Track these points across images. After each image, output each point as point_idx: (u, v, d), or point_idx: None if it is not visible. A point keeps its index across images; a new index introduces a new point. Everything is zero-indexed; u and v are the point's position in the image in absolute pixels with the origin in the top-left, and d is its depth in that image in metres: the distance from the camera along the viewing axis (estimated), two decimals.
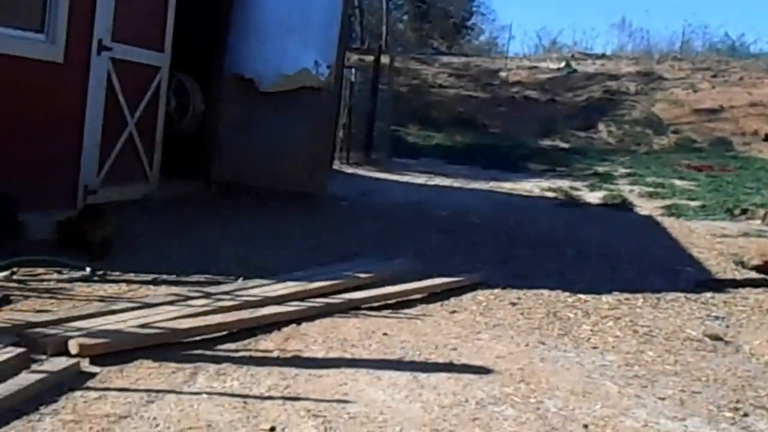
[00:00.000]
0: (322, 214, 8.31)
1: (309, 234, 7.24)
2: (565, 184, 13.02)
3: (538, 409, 3.60)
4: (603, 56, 29.03)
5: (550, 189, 12.38)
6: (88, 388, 3.41)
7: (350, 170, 12.76)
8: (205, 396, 3.41)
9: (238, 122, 9.10)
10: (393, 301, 5.25)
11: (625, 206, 11.03)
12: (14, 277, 4.89)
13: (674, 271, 7.03)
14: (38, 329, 3.95)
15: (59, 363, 3.59)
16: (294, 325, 4.52)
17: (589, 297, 5.79)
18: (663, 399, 3.81)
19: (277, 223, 7.58)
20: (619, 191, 12.32)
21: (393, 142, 16.01)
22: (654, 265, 7.22)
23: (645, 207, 11.12)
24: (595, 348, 4.60)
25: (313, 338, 4.34)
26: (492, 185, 12.58)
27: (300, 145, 9.12)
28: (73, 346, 3.75)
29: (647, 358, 4.46)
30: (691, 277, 6.85)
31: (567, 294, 5.83)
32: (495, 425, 3.38)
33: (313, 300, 4.95)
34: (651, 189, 12.62)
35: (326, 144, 9.87)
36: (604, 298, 5.81)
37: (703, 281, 6.63)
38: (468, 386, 3.81)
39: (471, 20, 36.39)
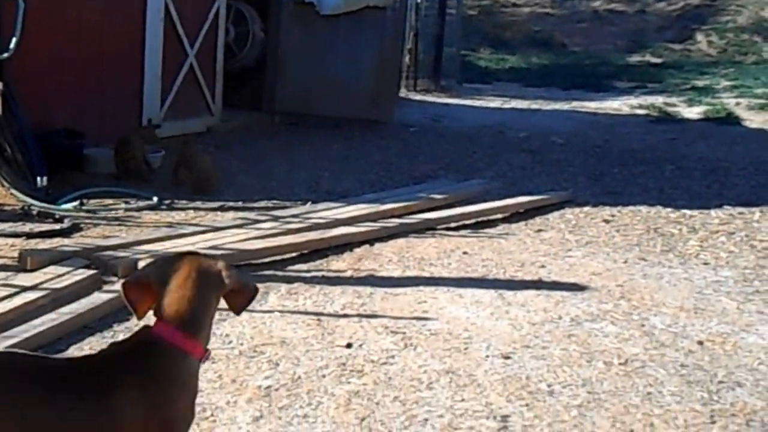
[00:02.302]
0: (391, 140, 8.12)
1: (378, 159, 7.09)
2: (658, 100, 12.23)
3: (643, 326, 3.38)
4: None
5: (641, 106, 11.67)
6: None
7: (418, 97, 12.42)
8: (277, 314, 3.37)
9: (300, 49, 8.93)
10: (472, 221, 5.06)
11: (731, 120, 10.27)
12: (84, 207, 5.01)
13: None
14: (108, 252, 4.03)
15: None
16: (367, 245, 4.42)
17: (695, 212, 5.42)
18: None
19: (344, 150, 7.46)
20: (723, 105, 11.48)
21: (463, 67, 15.43)
22: None
23: (755, 120, 10.33)
24: (705, 264, 4.29)
25: (388, 258, 4.23)
26: (574, 105, 11.98)
27: (365, 70, 8.89)
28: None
29: None
30: None
31: (669, 210, 5.48)
32: (594, 342, 3.19)
33: (385, 221, 4.83)
34: (761, 101, 11.68)
35: (393, 68, 9.58)
36: (714, 213, 5.42)
37: None
38: (560, 303, 3.62)
39: None
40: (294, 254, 4.21)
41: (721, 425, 2.54)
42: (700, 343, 3.21)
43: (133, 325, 3.22)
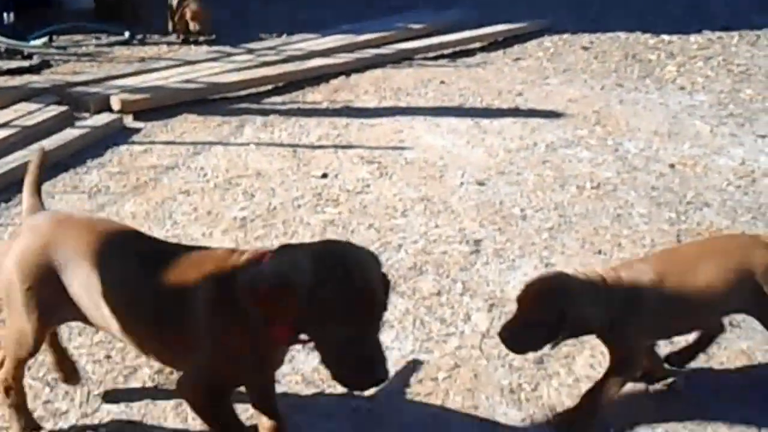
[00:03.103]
0: None
1: None
2: None
3: (617, 150, 3.22)
4: None
5: None
6: (133, 143, 3.22)
7: None
8: (252, 147, 3.17)
9: None
10: (450, 50, 4.73)
11: None
12: (53, 44, 4.63)
13: None
14: (79, 88, 3.75)
15: (102, 119, 3.41)
16: (343, 77, 4.13)
17: (674, 37, 5.08)
18: (764, 137, 3.35)
19: None
20: None
21: None
22: (752, 1, 6.23)
23: None
24: (682, 89, 4.06)
25: (364, 89, 3.96)
26: None
27: None
28: (115, 103, 3.54)
29: (744, 96, 3.91)
30: None
31: (648, 35, 5.13)
32: (568, 167, 3.05)
33: (362, 51, 4.49)
34: None
35: None
36: (692, 38, 5.09)
37: None
38: (536, 130, 3.43)
39: None
40: (269, 87, 3.93)
41: None
42: (672, 166, 3.08)
43: (107, 161, 3.03)
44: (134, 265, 1.40)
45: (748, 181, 2.94)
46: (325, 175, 2.89)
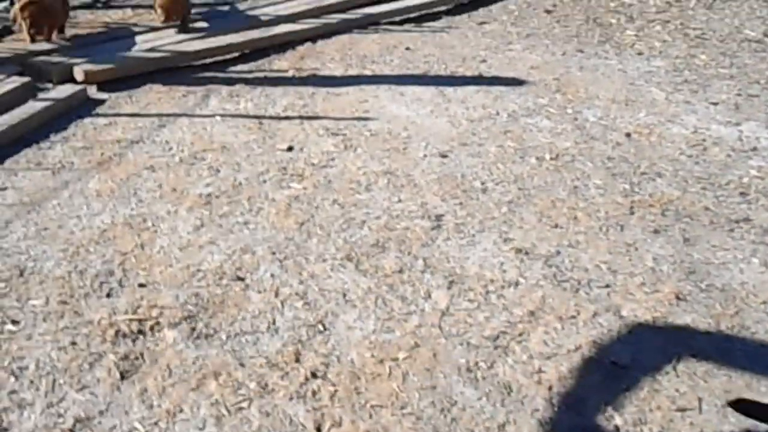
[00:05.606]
0: None
1: None
2: None
3: (576, 119, 3.18)
4: None
5: None
6: (97, 115, 3.08)
7: None
8: (218, 118, 3.05)
9: None
10: (415, 14, 4.58)
11: None
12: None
13: None
14: (42, 58, 3.55)
15: (65, 90, 3.24)
16: (309, 43, 3.98)
17: (633, 0, 4.98)
18: (716, 104, 3.32)
19: None
20: None
21: None
22: None
23: None
24: (640, 54, 4.00)
25: (330, 56, 3.82)
26: None
27: None
28: (78, 73, 3.36)
29: (699, 62, 3.86)
30: None
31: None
32: (529, 137, 3.00)
33: (328, 16, 4.32)
34: None
35: None
36: (651, 0, 4.99)
37: None
38: (499, 99, 3.36)
39: None
40: (235, 54, 3.77)
41: (639, 216, 2.46)
42: (628, 135, 3.05)
43: (71, 134, 2.90)
44: None
45: (699, 150, 2.93)
46: (290, 148, 2.81)
